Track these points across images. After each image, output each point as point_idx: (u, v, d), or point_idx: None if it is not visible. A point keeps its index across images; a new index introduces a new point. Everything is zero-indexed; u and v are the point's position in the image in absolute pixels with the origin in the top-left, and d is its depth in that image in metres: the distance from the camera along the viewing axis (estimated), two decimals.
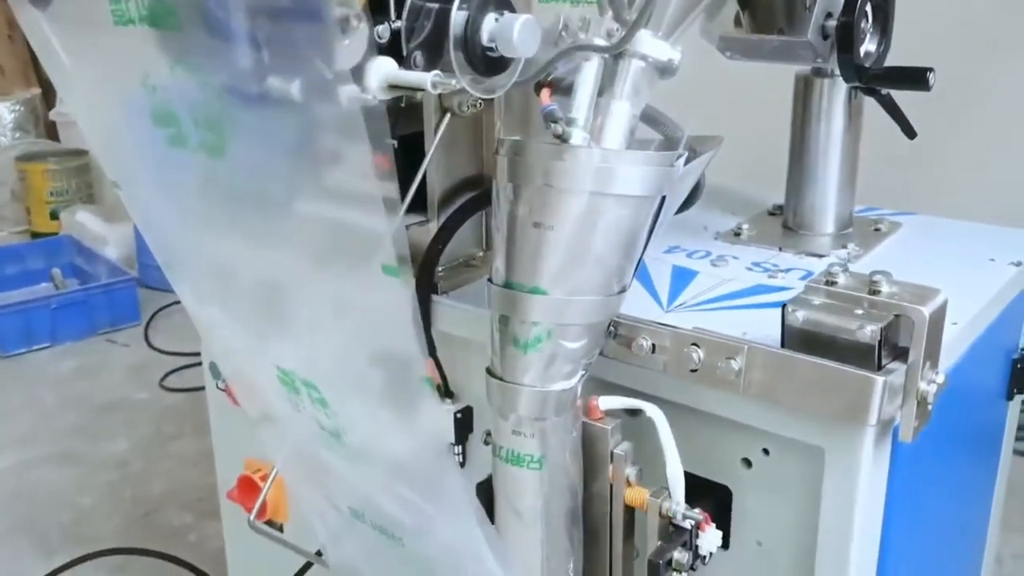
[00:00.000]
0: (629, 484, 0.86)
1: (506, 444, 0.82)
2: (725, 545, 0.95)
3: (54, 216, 4.48)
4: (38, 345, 3.43)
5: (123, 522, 2.41)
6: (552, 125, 0.76)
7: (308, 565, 1.32)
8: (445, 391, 1.10)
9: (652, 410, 0.84)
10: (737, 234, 1.20)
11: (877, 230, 1.20)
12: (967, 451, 1.22)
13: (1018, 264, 1.11)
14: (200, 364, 1.46)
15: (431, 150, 0.92)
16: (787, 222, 1.22)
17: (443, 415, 0.92)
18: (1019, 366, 1.21)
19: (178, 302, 3.61)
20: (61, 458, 2.73)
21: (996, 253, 1.13)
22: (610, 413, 0.87)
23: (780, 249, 1.15)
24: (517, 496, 0.83)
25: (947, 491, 1.17)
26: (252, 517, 1.11)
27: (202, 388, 1.51)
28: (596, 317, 0.79)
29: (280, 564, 1.38)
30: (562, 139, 0.76)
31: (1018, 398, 1.25)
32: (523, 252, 0.78)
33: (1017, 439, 1.44)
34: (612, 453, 0.85)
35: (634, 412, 0.96)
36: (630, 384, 0.92)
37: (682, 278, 1.07)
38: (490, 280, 0.81)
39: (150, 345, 3.47)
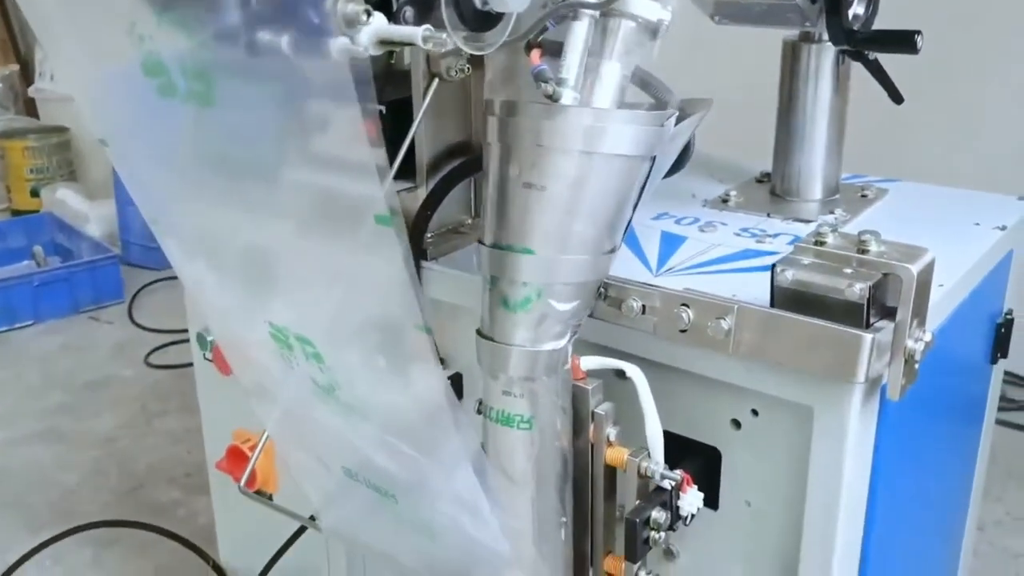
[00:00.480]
0: (610, 444, 0.87)
1: (496, 405, 0.82)
2: (714, 506, 0.96)
3: (35, 194, 4.43)
4: (21, 323, 3.41)
5: (110, 498, 2.40)
6: (543, 85, 0.76)
7: (301, 530, 1.32)
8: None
9: (632, 369, 0.84)
10: (725, 201, 1.20)
11: (864, 196, 1.21)
12: (952, 415, 1.23)
13: (1003, 228, 1.12)
14: (186, 341, 1.46)
15: (419, 114, 0.92)
16: (775, 189, 1.22)
17: (439, 369, 0.91)
18: (1003, 330, 1.22)
19: (162, 280, 3.63)
20: (46, 435, 2.72)
21: (981, 218, 1.14)
22: (592, 373, 0.87)
23: (768, 215, 1.16)
24: (507, 458, 0.84)
25: (932, 455, 1.18)
26: (242, 484, 1.10)
27: (188, 365, 1.51)
28: (586, 277, 0.79)
29: (270, 535, 1.38)
30: (552, 99, 0.76)
31: (1002, 362, 1.26)
32: (513, 212, 0.78)
33: (998, 410, 1.46)
34: (593, 413, 0.86)
35: (620, 374, 0.97)
36: (620, 347, 0.92)
37: (671, 243, 1.07)
38: (480, 241, 0.81)
39: (134, 322, 3.45)
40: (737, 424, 0.92)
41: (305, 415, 0.92)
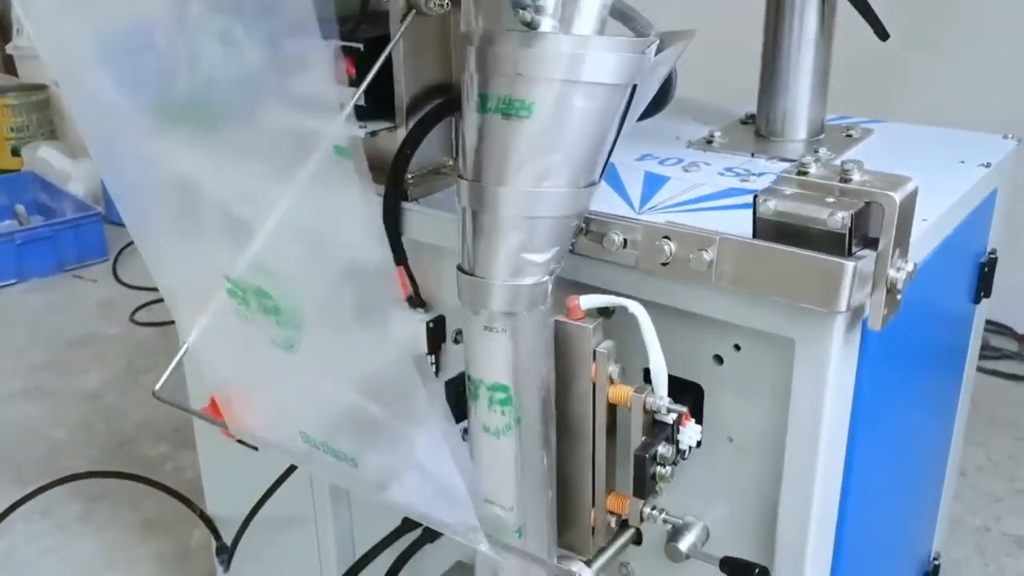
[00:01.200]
0: (612, 382, 0.86)
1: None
2: (698, 444, 0.96)
3: (15, 153, 4.38)
4: (4, 281, 3.39)
5: (98, 453, 2.40)
6: (520, 12, 0.74)
7: (284, 476, 1.33)
8: (417, 301, 1.09)
9: (634, 306, 0.84)
10: (709, 142, 1.19)
11: (848, 136, 1.20)
12: (934, 355, 1.24)
13: (987, 166, 1.11)
14: None
15: (394, 40, 0.90)
16: (759, 130, 1.21)
17: (411, 321, 0.91)
18: (986, 270, 1.22)
19: None
20: (33, 392, 2.71)
21: (966, 156, 1.13)
22: (590, 313, 0.86)
23: (752, 155, 1.15)
24: None
25: (914, 395, 1.19)
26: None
27: (172, 323, 1.50)
28: (566, 210, 0.78)
29: (255, 484, 1.39)
30: (531, 27, 0.74)
31: (985, 302, 1.27)
32: (492, 145, 0.77)
33: (980, 358, 1.46)
34: (595, 352, 0.85)
35: (608, 313, 0.96)
36: (602, 285, 0.92)
37: (654, 183, 1.06)
38: (459, 175, 0.80)
39: (119, 280, 3.44)
40: (719, 360, 0.92)
41: (263, 378, 0.91)
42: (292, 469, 1.33)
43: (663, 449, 0.86)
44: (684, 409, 0.85)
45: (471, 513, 0.82)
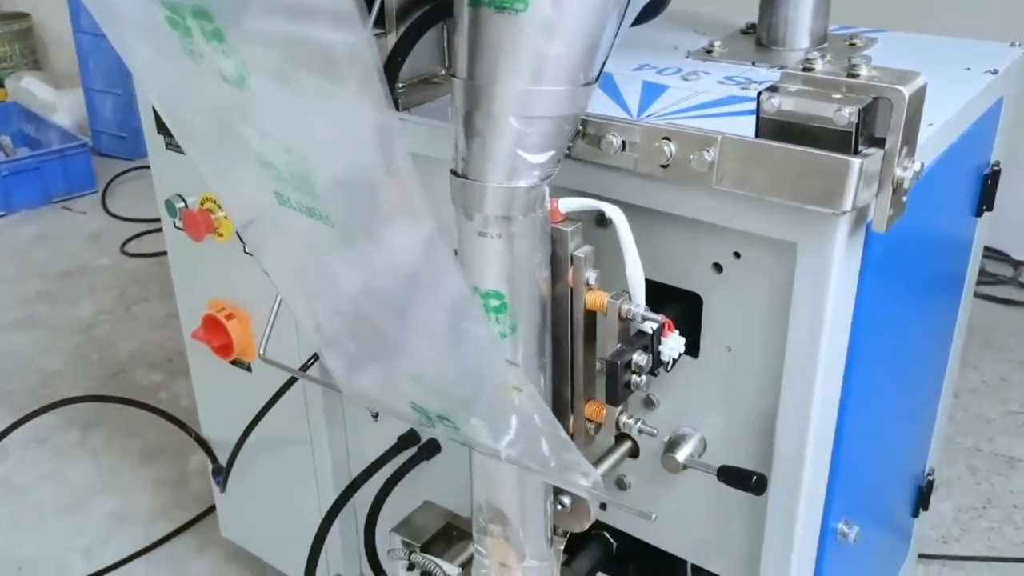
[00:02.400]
0: (589, 288, 0.85)
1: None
2: (695, 353, 0.95)
3: None
4: None
5: (93, 382, 2.40)
6: None
7: (277, 397, 1.32)
8: None
9: (612, 210, 0.82)
10: (709, 51, 1.16)
11: (852, 44, 1.16)
12: (935, 270, 1.22)
13: (994, 72, 1.08)
14: (162, 230, 1.42)
15: None
16: (760, 39, 1.18)
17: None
18: (989, 182, 1.20)
19: (134, 169, 3.56)
20: (25, 323, 2.70)
21: (972, 63, 1.10)
22: (571, 216, 0.84)
23: (753, 64, 1.11)
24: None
25: (914, 309, 1.18)
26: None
27: (164, 253, 1.46)
28: (562, 110, 0.75)
29: (250, 405, 1.38)
30: None
31: (987, 215, 1.25)
32: (487, 41, 0.74)
33: (976, 283, 1.45)
34: (572, 256, 0.83)
35: (600, 222, 0.94)
36: (599, 192, 0.89)
37: (652, 92, 1.03)
38: (452, 75, 0.77)
39: (108, 212, 3.40)
40: (719, 268, 0.90)
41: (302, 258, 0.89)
42: (284, 390, 1.32)
43: (638, 357, 0.84)
44: (660, 318, 0.84)
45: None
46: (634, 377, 0.85)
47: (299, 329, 0.98)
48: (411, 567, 1.10)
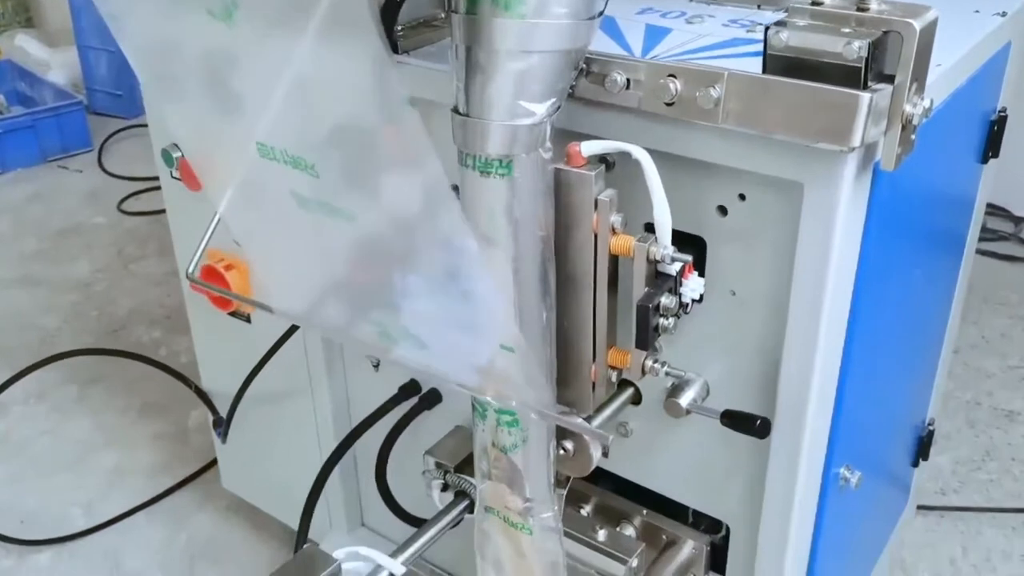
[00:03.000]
0: (614, 232, 0.84)
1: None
2: (700, 298, 0.94)
3: None
4: None
5: (92, 339, 2.39)
6: None
7: (276, 347, 1.31)
8: None
9: (637, 151, 0.80)
10: None
11: None
12: (940, 214, 1.21)
13: (1003, 15, 1.06)
14: (159, 188, 1.40)
15: None
16: None
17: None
18: (996, 128, 1.18)
19: (130, 128, 3.53)
20: (23, 281, 2.69)
21: (981, 5, 1.09)
22: (591, 160, 0.83)
23: (759, 7, 1.09)
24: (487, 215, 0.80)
25: (918, 256, 1.17)
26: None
27: (162, 211, 1.45)
28: (565, 44, 0.74)
29: (250, 357, 1.37)
30: None
31: (992, 162, 1.24)
32: None
33: (979, 240, 1.44)
34: (597, 200, 0.82)
35: (609, 165, 0.93)
36: (602, 134, 0.88)
37: (655, 35, 1.01)
38: (452, 9, 0.75)
39: (104, 171, 3.37)
40: (723, 211, 0.89)
41: (289, 231, 0.88)
42: (284, 340, 1.31)
43: (666, 300, 0.83)
44: (689, 258, 0.83)
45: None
46: (662, 320, 0.84)
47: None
48: (445, 487, 1.11)
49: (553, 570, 0.99)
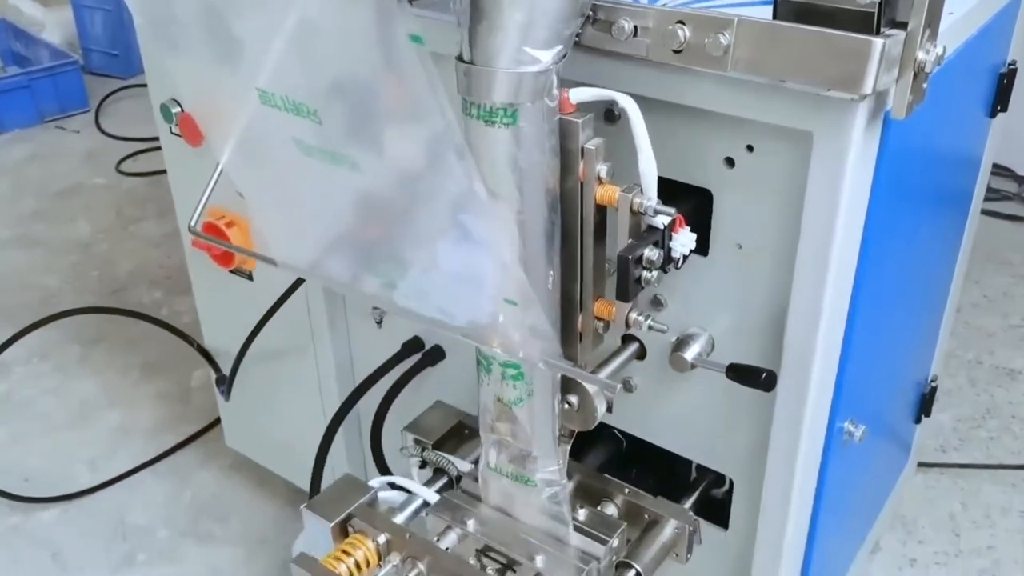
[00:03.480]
0: (600, 181, 0.83)
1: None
2: (704, 251, 0.94)
3: None
4: None
5: (93, 300, 2.39)
6: None
7: (277, 305, 1.31)
8: None
9: (623, 99, 0.79)
10: None
11: None
12: (948, 169, 1.20)
13: None
14: (157, 149, 1.39)
15: None
16: None
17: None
18: (1005, 81, 1.17)
19: (127, 87, 3.51)
20: (22, 241, 2.68)
21: None
22: (582, 107, 0.82)
23: None
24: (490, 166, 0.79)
25: (925, 212, 1.16)
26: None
27: (161, 172, 1.44)
28: None
29: (252, 315, 1.37)
30: None
31: (1000, 118, 1.22)
32: None
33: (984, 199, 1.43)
34: (583, 148, 0.81)
35: (610, 118, 0.92)
36: (610, 84, 0.86)
37: None
38: None
39: (102, 131, 3.35)
40: (731, 163, 0.88)
41: (292, 180, 0.87)
42: (286, 297, 1.31)
43: (649, 253, 0.82)
44: (672, 211, 0.82)
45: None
46: (645, 273, 0.83)
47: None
48: (423, 464, 1.11)
49: (557, 524, 1.00)
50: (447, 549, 1.02)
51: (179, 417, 1.96)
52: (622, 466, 1.18)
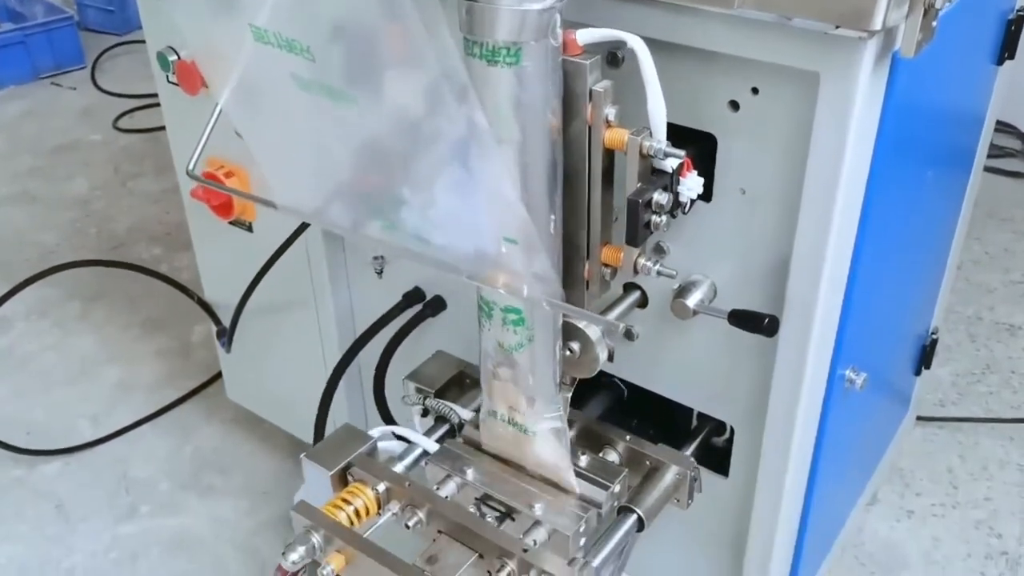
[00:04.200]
0: (608, 125, 0.82)
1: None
2: (707, 197, 0.93)
3: None
4: None
5: (92, 256, 2.38)
6: None
7: (278, 254, 1.30)
8: None
9: (632, 39, 0.78)
10: None
11: None
12: (954, 118, 1.19)
13: None
14: (154, 106, 1.38)
15: None
16: None
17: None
18: (1013, 28, 1.15)
19: (123, 44, 3.45)
20: (19, 198, 2.67)
21: None
22: (589, 49, 0.81)
23: None
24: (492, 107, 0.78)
25: (930, 159, 1.15)
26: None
27: (159, 129, 1.42)
28: None
29: (250, 265, 1.37)
30: None
31: (1008, 64, 1.21)
32: None
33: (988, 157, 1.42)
34: (591, 91, 0.80)
35: (613, 62, 0.90)
36: (614, 26, 0.85)
37: None
38: None
39: (98, 88, 3.32)
40: (735, 106, 0.87)
41: (292, 119, 0.86)
42: (287, 246, 1.30)
43: (659, 196, 0.82)
44: (682, 153, 0.81)
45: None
46: (654, 217, 0.83)
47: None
48: (425, 412, 1.11)
49: (558, 470, 1.00)
50: (447, 498, 1.02)
51: (180, 373, 1.97)
52: (623, 416, 1.18)
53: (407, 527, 0.98)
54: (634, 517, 1.02)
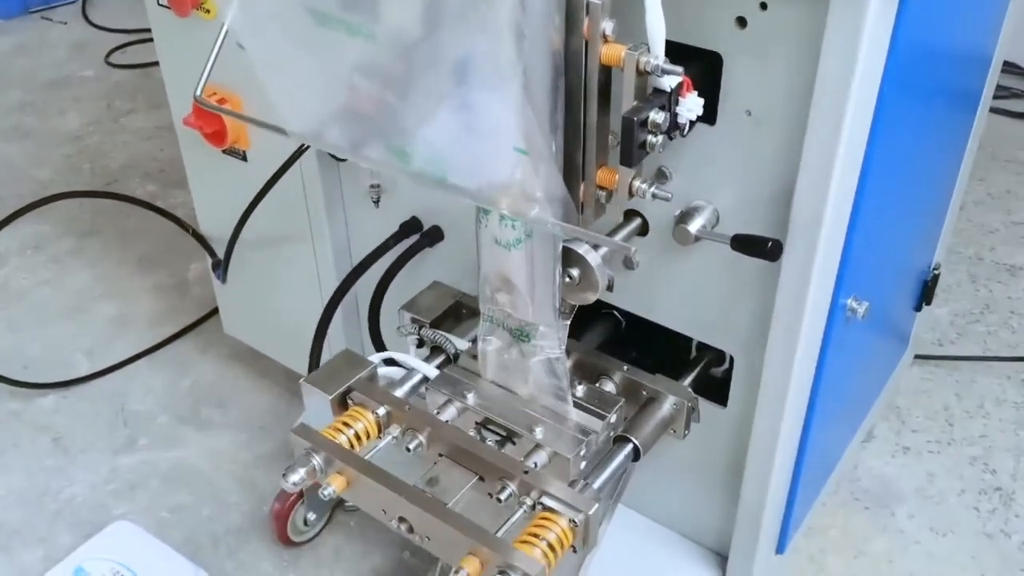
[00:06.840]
0: (605, 40, 0.79)
1: None
2: (711, 120, 0.91)
3: None
4: None
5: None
6: None
7: (270, 184, 1.28)
8: None
9: None
10: None
11: None
12: (962, 51, 1.16)
13: None
14: (147, 41, 1.34)
15: None
16: None
17: None
18: None
19: None
20: (12, 133, 2.63)
21: None
22: None
23: None
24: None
25: (938, 90, 1.13)
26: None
27: (151, 64, 1.38)
28: None
29: (245, 195, 1.35)
30: None
31: (1014, 10, 1.18)
32: None
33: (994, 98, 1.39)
34: (588, 3, 0.77)
35: None
36: None
37: None
38: None
39: (90, 22, 3.26)
40: (742, 22, 0.84)
41: (298, 38, 0.84)
42: (281, 173, 1.28)
43: (655, 115, 0.79)
44: (681, 71, 0.78)
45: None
46: (650, 137, 0.81)
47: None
48: (421, 343, 1.10)
49: (556, 400, 1.00)
50: (447, 422, 1.02)
51: (176, 309, 1.95)
52: (621, 348, 1.17)
53: (408, 450, 0.98)
54: (630, 446, 1.02)
